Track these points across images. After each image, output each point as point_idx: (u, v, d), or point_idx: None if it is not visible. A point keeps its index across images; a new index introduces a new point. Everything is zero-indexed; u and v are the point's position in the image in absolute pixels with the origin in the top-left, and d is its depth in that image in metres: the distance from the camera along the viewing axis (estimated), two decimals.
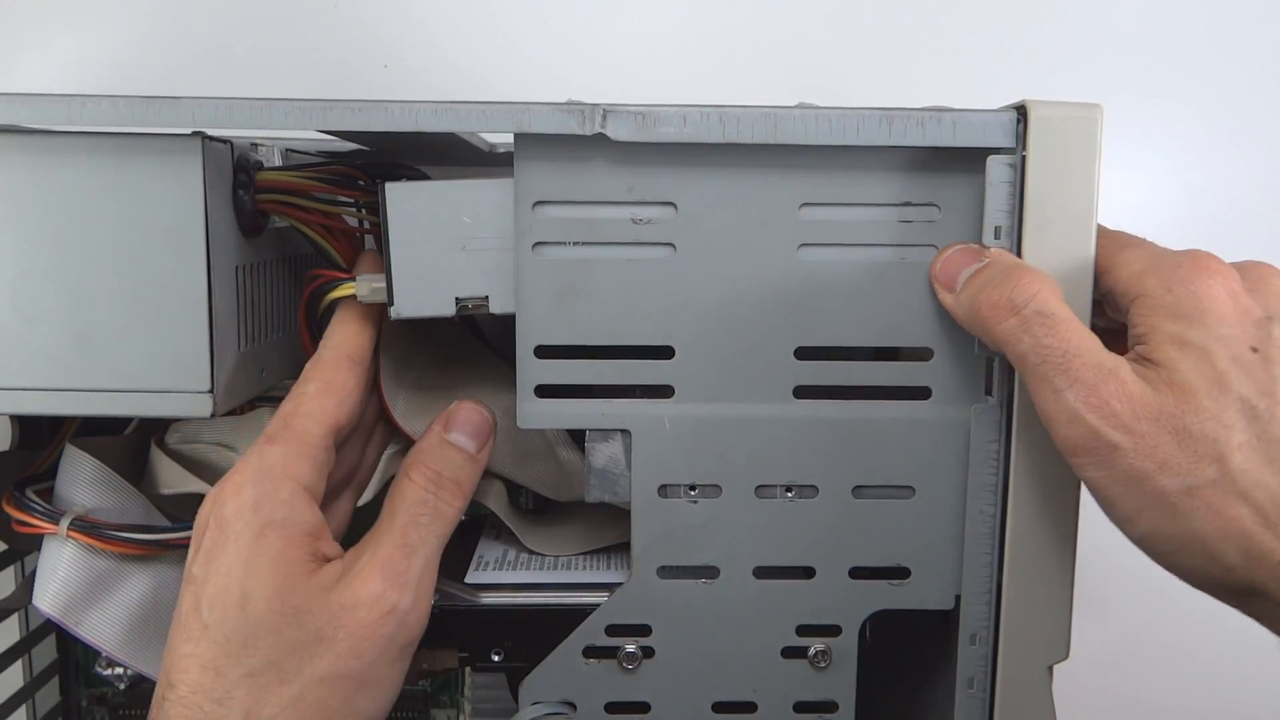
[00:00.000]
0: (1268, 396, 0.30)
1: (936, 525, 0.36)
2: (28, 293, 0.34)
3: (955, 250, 0.34)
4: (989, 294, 0.32)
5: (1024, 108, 0.33)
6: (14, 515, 0.38)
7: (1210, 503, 0.30)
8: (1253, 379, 0.30)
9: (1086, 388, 0.31)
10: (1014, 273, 0.32)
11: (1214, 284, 0.31)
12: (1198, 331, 0.31)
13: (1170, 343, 0.31)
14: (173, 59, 0.59)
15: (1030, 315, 0.31)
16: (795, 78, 0.60)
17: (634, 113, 0.33)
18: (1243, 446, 0.30)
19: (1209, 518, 0.30)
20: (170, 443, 0.42)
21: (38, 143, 0.33)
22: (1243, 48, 0.60)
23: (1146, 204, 0.61)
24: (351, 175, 0.38)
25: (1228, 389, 0.30)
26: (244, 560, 0.32)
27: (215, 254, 0.34)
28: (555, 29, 0.59)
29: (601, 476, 0.36)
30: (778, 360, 0.35)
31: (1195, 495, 0.30)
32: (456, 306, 0.34)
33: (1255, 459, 0.30)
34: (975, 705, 0.36)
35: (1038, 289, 0.31)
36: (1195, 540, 0.30)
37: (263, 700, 0.31)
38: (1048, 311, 0.31)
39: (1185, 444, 0.30)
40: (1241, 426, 0.30)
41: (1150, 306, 0.32)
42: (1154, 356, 0.31)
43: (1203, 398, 0.30)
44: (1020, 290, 0.31)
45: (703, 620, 0.36)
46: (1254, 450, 0.30)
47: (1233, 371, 0.30)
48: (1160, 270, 0.32)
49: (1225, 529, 0.30)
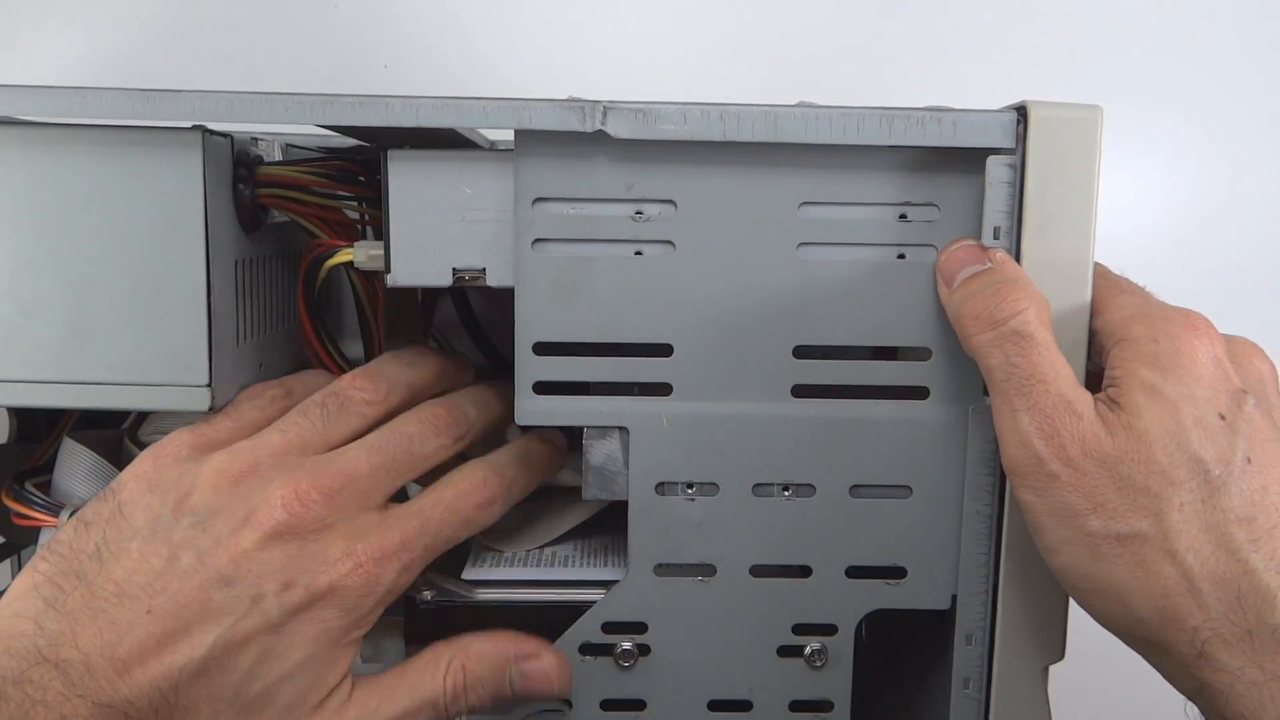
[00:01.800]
0: (1223, 464, 0.30)
1: (933, 525, 0.36)
2: (26, 285, 0.34)
3: (962, 246, 0.34)
4: (975, 302, 0.32)
5: (1024, 108, 0.33)
6: (14, 508, 0.38)
7: (1136, 554, 0.30)
8: (1213, 443, 0.30)
9: (1042, 414, 0.31)
10: (1004, 287, 0.32)
11: (1199, 344, 0.31)
12: (1172, 385, 0.31)
13: (1141, 389, 0.31)
14: (172, 59, 0.59)
15: (1007, 333, 0.31)
16: (795, 77, 0.60)
17: (634, 110, 0.33)
18: (1184, 507, 0.30)
19: (1130, 568, 0.30)
20: (142, 436, 0.42)
21: (38, 135, 0.33)
22: (1243, 48, 0.60)
23: (1139, 204, 0.61)
24: (352, 170, 0.38)
25: (1184, 446, 0.30)
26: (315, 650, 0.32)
27: (214, 248, 0.34)
28: (555, 29, 0.59)
29: (599, 474, 0.36)
30: (776, 359, 0.35)
31: (1122, 543, 0.30)
32: (453, 277, 0.35)
33: (1194, 522, 0.30)
34: (971, 705, 0.36)
35: (1022, 308, 0.31)
36: (1111, 586, 0.31)
37: None
38: (1025, 333, 0.31)
39: (1125, 492, 0.30)
40: (1190, 488, 0.30)
41: (1131, 351, 0.32)
42: (1121, 400, 0.31)
43: (1157, 450, 0.30)
44: (1004, 306, 0.32)
45: (699, 618, 0.36)
46: (1195, 513, 0.30)
47: (1194, 431, 0.30)
48: (1150, 320, 0.32)
49: (1145, 583, 0.30)
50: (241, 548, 0.32)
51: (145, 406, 0.35)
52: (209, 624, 0.31)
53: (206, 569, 0.31)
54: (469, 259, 0.34)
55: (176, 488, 0.33)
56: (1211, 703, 0.30)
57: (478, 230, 0.34)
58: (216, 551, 0.32)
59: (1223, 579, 0.29)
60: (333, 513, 0.33)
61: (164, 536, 0.32)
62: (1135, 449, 0.30)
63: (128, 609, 0.31)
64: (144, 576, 0.31)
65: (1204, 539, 0.30)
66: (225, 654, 0.31)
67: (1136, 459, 0.30)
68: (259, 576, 0.31)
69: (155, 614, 0.31)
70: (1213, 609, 0.29)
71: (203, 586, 0.31)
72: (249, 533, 0.32)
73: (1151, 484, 0.30)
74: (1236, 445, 0.30)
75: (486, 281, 0.34)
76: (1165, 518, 0.30)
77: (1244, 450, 0.30)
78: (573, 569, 0.39)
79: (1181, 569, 0.30)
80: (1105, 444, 0.30)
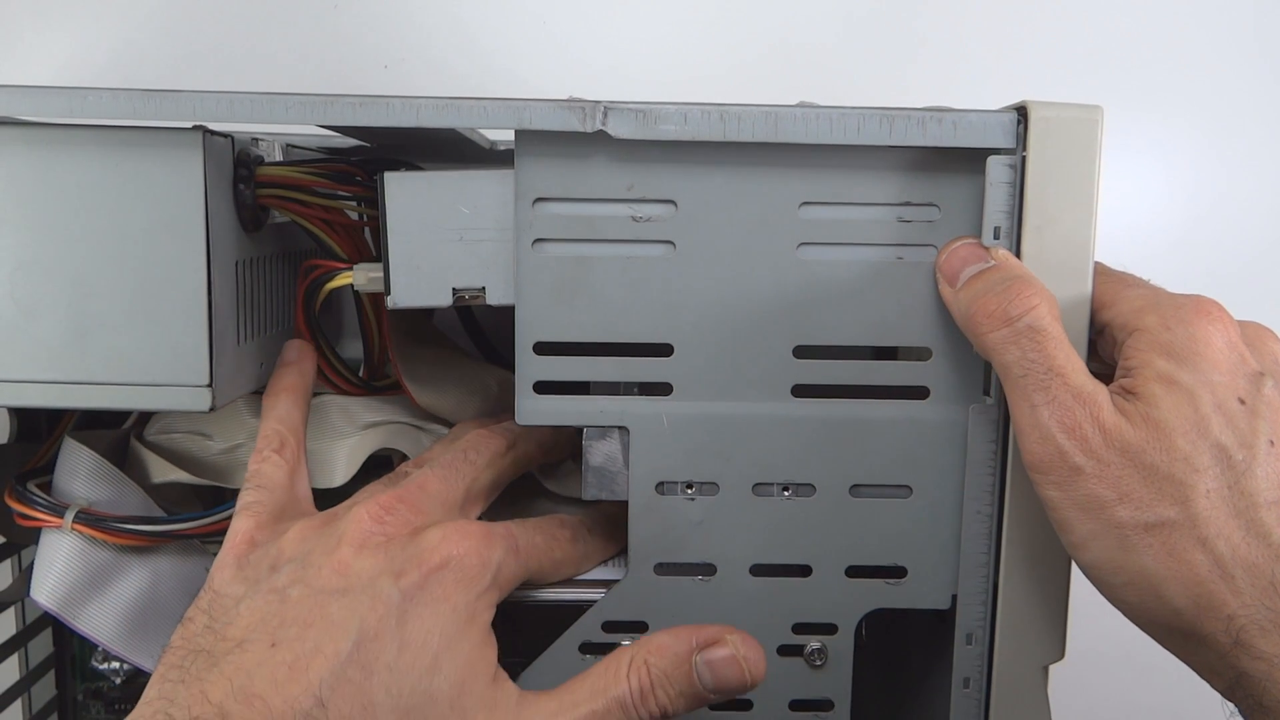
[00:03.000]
0: (1246, 449, 0.30)
1: (933, 525, 0.36)
2: (27, 285, 0.34)
3: (963, 245, 0.34)
4: (986, 300, 0.32)
5: (1024, 108, 0.33)
6: (16, 509, 0.38)
7: (1166, 543, 0.30)
8: (1234, 429, 0.30)
9: (1062, 408, 0.31)
10: (1014, 284, 0.32)
11: (1213, 330, 0.31)
12: (1188, 372, 0.30)
13: (1157, 379, 0.31)
14: (172, 60, 0.59)
15: (1022, 329, 0.31)
16: (796, 77, 0.60)
17: (635, 110, 0.33)
18: (1210, 494, 0.30)
19: (1161, 557, 0.30)
20: (148, 435, 0.42)
21: (38, 135, 0.33)
22: (1243, 48, 0.60)
23: (1139, 204, 0.61)
24: (352, 172, 0.38)
25: (1205, 433, 0.30)
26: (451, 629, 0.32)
27: (215, 248, 0.34)
28: (555, 29, 0.59)
29: (599, 474, 0.36)
30: (776, 359, 0.35)
31: (1151, 532, 0.30)
32: (453, 297, 0.35)
33: (1221, 508, 0.30)
34: (970, 705, 0.36)
35: (1035, 304, 0.31)
36: (1143, 577, 0.30)
37: None
38: (1039, 327, 0.31)
39: (1150, 481, 0.30)
40: (1214, 474, 0.30)
41: (1145, 341, 0.31)
42: (1138, 390, 0.31)
43: (1178, 438, 0.30)
44: (1017, 302, 0.31)
45: (699, 617, 0.36)
46: (1222, 499, 0.30)
47: (1215, 418, 0.30)
48: (1161, 309, 0.32)
49: (1177, 572, 0.30)
50: (343, 560, 0.32)
51: (146, 406, 0.35)
52: (335, 632, 0.30)
53: (316, 590, 0.31)
54: (469, 278, 0.35)
55: (266, 557, 0.33)
56: (1250, 691, 0.30)
57: (477, 249, 0.34)
58: (321, 573, 0.32)
59: (1255, 564, 0.29)
60: (419, 516, 0.33)
61: (268, 586, 0.32)
62: (1156, 438, 0.30)
63: (251, 652, 0.30)
64: (259, 622, 0.31)
65: (1233, 524, 0.29)
66: (360, 655, 0.30)
67: (1158, 447, 0.30)
68: (369, 575, 0.31)
69: (280, 645, 0.30)
70: (1247, 595, 0.29)
71: (318, 604, 0.31)
72: (346, 548, 0.32)
73: (1176, 471, 0.30)
74: (1258, 429, 0.30)
75: (486, 300, 0.35)
76: (1192, 505, 0.30)
77: (1266, 433, 0.30)
78: None
79: (1213, 555, 0.29)
80: (1127, 434, 0.30)
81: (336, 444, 0.41)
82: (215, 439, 0.42)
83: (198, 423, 0.42)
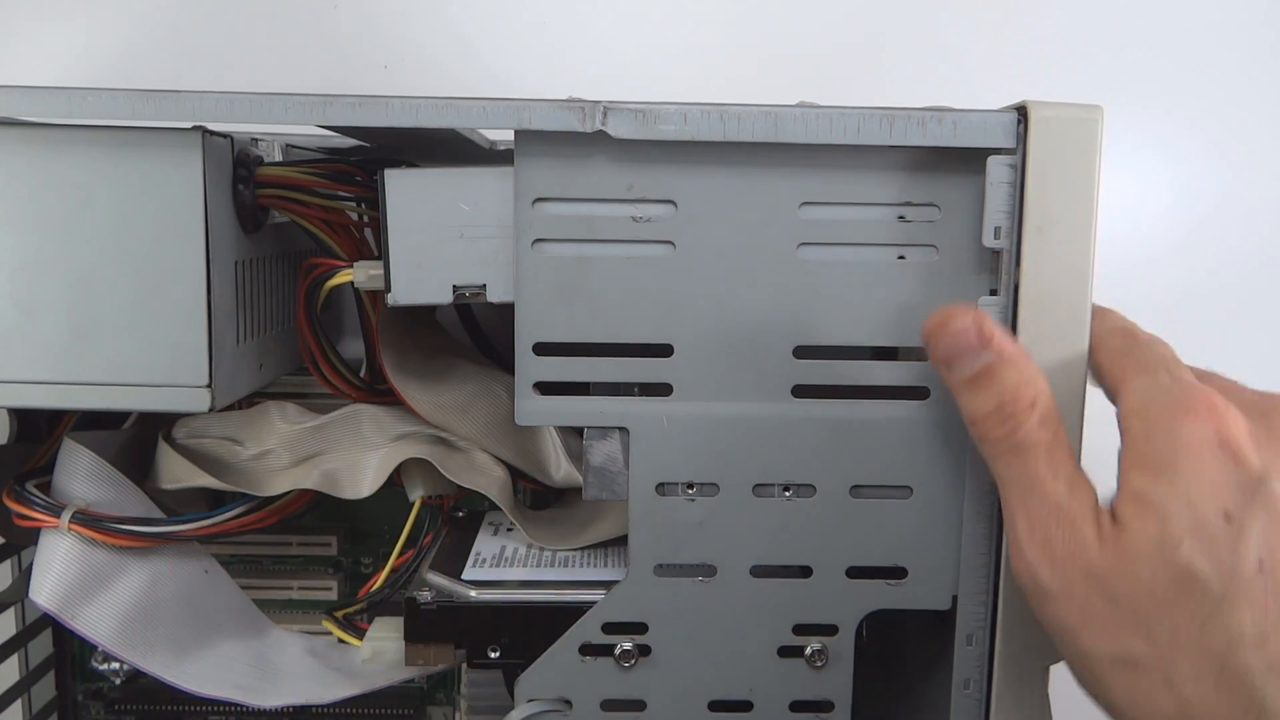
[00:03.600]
0: (1226, 575, 0.26)
1: (934, 525, 0.36)
2: (27, 286, 0.34)
3: (958, 325, 0.31)
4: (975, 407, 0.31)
5: (1024, 108, 0.33)
6: (15, 509, 0.38)
7: (1131, 681, 0.27)
8: (1211, 554, 0.26)
9: (1036, 523, 0.29)
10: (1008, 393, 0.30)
11: (1197, 431, 0.27)
12: (1162, 489, 0.27)
13: (1131, 500, 0.28)
14: (171, 60, 0.59)
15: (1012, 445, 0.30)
16: (796, 77, 0.60)
17: (635, 110, 0.33)
18: (1178, 630, 0.26)
19: (1127, 694, 0.28)
20: (178, 437, 0.42)
21: (38, 136, 0.33)
22: (1244, 49, 0.60)
23: (1140, 204, 0.61)
24: (351, 172, 0.38)
25: (1172, 561, 0.26)
26: None
27: (215, 249, 0.34)
28: (555, 29, 0.59)
29: (599, 474, 0.36)
30: (776, 359, 0.35)
31: (1117, 668, 0.28)
32: (454, 294, 0.35)
33: (1192, 648, 0.26)
34: (971, 706, 0.36)
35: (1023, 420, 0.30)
36: (1112, 711, 0.29)
37: None
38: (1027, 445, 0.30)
39: (1115, 611, 0.27)
40: (1184, 607, 0.26)
41: (1127, 455, 0.29)
42: (1116, 510, 0.28)
43: (1141, 567, 0.27)
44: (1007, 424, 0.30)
45: (699, 619, 0.36)
46: (1192, 639, 0.26)
47: (1188, 541, 0.26)
48: (1150, 412, 0.28)
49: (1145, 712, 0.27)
50: None
51: (145, 407, 0.35)
52: None
53: None
54: (469, 275, 0.34)
55: None
56: None
57: (477, 246, 0.34)
58: None
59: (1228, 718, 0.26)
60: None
61: None
62: (1121, 565, 0.27)
63: None
64: None
65: (1206, 667, 0.26)
66: None
67: (1122, 575, 0.27)
68: None
69: None
70: None
71: None
72: None
73: (1140, 604, 0.27)
74: (1244, 550, 0.26)
75: (487, 298, 0.35)
76: (1157, 642, 0.27)
77: (1256, 553, 0.26)
78: (573, 569, 0.39)
79: (1179, 701, 0.26)
80: (1093, 557, 0.28)
81: (368, 455, 0.41)
82: (246, 444, 0.42)
83: (230, 427, 0.42)
